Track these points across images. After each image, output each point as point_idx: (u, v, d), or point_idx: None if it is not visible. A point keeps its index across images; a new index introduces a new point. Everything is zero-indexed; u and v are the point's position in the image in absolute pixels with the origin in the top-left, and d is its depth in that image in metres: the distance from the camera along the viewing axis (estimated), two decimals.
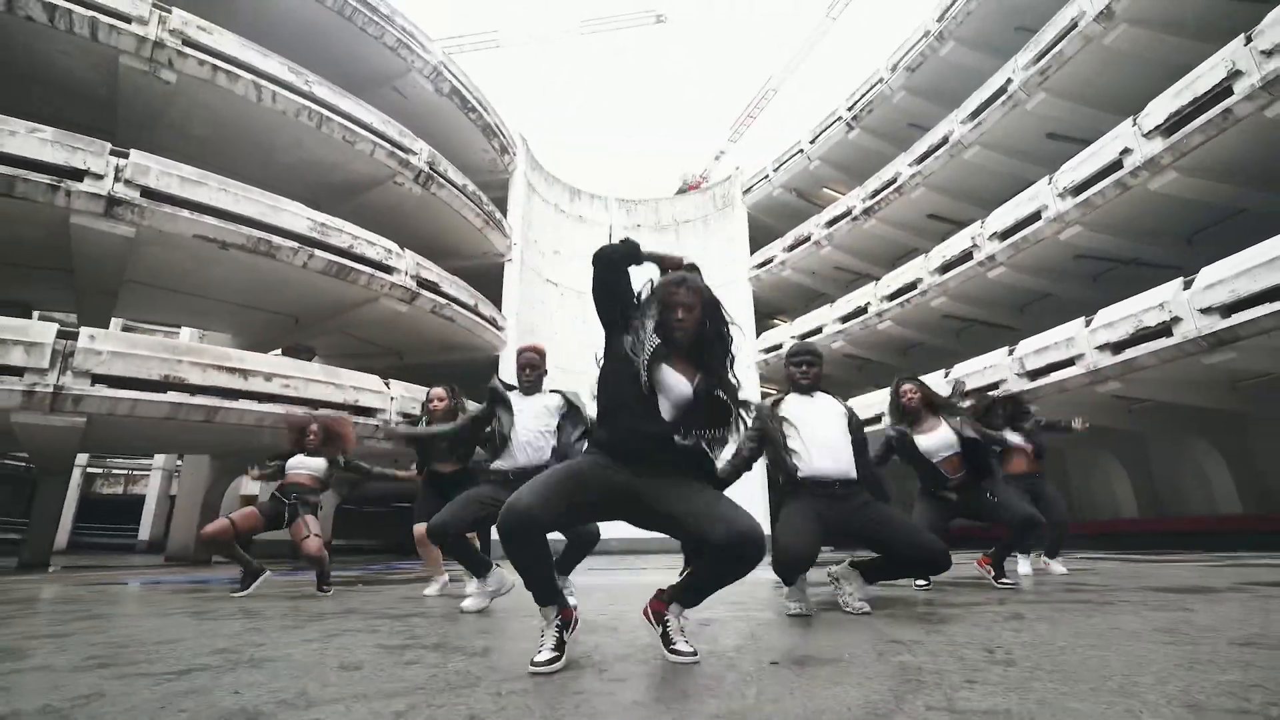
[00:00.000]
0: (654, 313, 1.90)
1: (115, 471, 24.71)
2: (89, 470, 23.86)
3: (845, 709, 1.25)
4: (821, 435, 2.91)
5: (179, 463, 22.03)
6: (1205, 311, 8.05)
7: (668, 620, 1.84)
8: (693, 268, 2.00)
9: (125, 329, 23.28)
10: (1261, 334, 7.45)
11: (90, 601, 3.86)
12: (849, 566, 2.90)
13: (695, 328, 1.92)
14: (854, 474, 2.87)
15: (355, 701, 1.39)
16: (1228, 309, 7.80)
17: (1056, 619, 2.38)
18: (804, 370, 3.11)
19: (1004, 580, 3.88)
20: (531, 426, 3.23)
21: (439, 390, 4.34)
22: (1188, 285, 8.46)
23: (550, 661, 1.66)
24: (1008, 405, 5.32)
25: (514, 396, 3.33)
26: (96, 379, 7.92)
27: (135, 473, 24.57)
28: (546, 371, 3.45)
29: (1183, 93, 8.65)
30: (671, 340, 1.88)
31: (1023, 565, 4.83)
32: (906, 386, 4.02)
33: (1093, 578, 4.35)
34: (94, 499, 23.97)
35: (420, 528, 4.23)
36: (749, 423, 2.06)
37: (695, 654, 1.77)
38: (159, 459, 22.56)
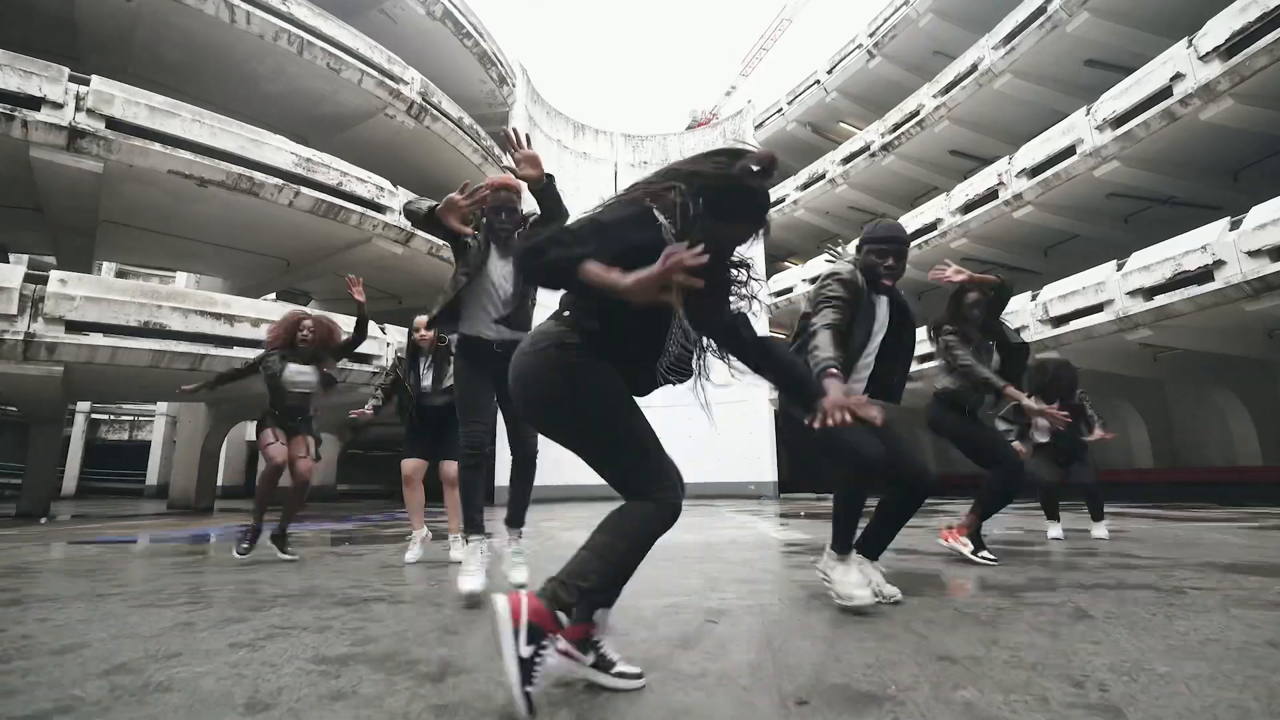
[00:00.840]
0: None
1: (121, 418, 24.77)
2: (94, 416, 23.92)
3: None
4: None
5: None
6: (1253, 254, 7.45)
7: (599, 643, 1.41)
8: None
9: (119, 274, 22.87)
10: None
11: (33, 574, 3.57)
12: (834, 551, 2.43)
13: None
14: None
15: None
16: (1278, 251, 7.20)
17: (1132, 619, 2.00)
18: (890, 265, 2.41)
19: (985, 555, 3.27)
20: (508, 285, 2.72)
21: (423, 319, 3.84)
22: (1234, 226, 7.83)
23: None
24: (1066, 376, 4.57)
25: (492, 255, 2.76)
26: (71, 326, 7.53)
27: (140, 419, 24.63)
28: (526, 218, 2.82)
29: (1249, 7, 7.76)
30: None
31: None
32: (974, 296, 3.33)
33: (1133, 545, 3.99)
34: (100, 444, 24.13)
35: (410, 463, 3.98)
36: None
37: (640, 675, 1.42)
38: (162, 405, 22.53)
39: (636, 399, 1.51)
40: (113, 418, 24.70)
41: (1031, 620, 2.02)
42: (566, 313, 1.49)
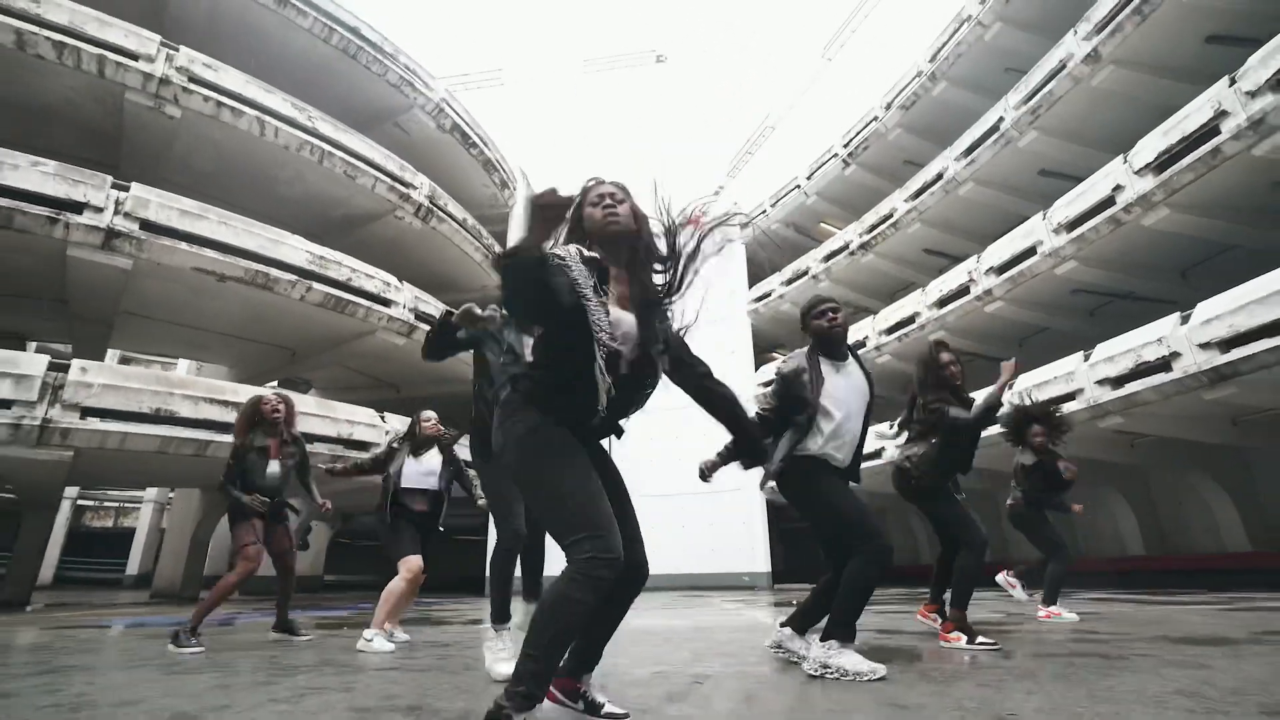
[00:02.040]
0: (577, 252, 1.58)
1: (106, 504, 24.35)
2: (79, 502, 23.51)
3: None
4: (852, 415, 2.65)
5: (171, 495, 21.76)
6: (1204, 346, 8.01)
7: (586, 692, 1.65)
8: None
9: (123, 360, 23.27)
10: (1261, 369, 7.39)
11: (57, 650, 3.70)
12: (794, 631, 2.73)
13: (632, 231, 1.68)
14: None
15: None
16: (1226, 344, 7.76)
17: (1070, 677, 2.26)
18: (831, 318, 2.69)
19: (984, 640, 3.14)
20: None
21: (429, 413, 4.08)
22: (1185, 320, 8.44)
23: None
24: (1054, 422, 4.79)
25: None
26: (86, 412, 7.82)
27: (127, 505, 24.21)
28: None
29: (1171, 131, 8.78)
30: (609, 253, 1.64)
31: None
32: (947, 356, 3.43)
33: (1104, 624, 4.20)
34: (82, 532, 23.56)
35: (413, 560, 3.72)
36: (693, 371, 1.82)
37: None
38: (151, 491, 22.24)
39: (623, 477, 1.68)
40: (98, 504, 24.25)
41: (981, 679, 2.28)
42: (508, 385, 1.66)
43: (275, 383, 16.05)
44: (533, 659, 1.38)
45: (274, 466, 4.06)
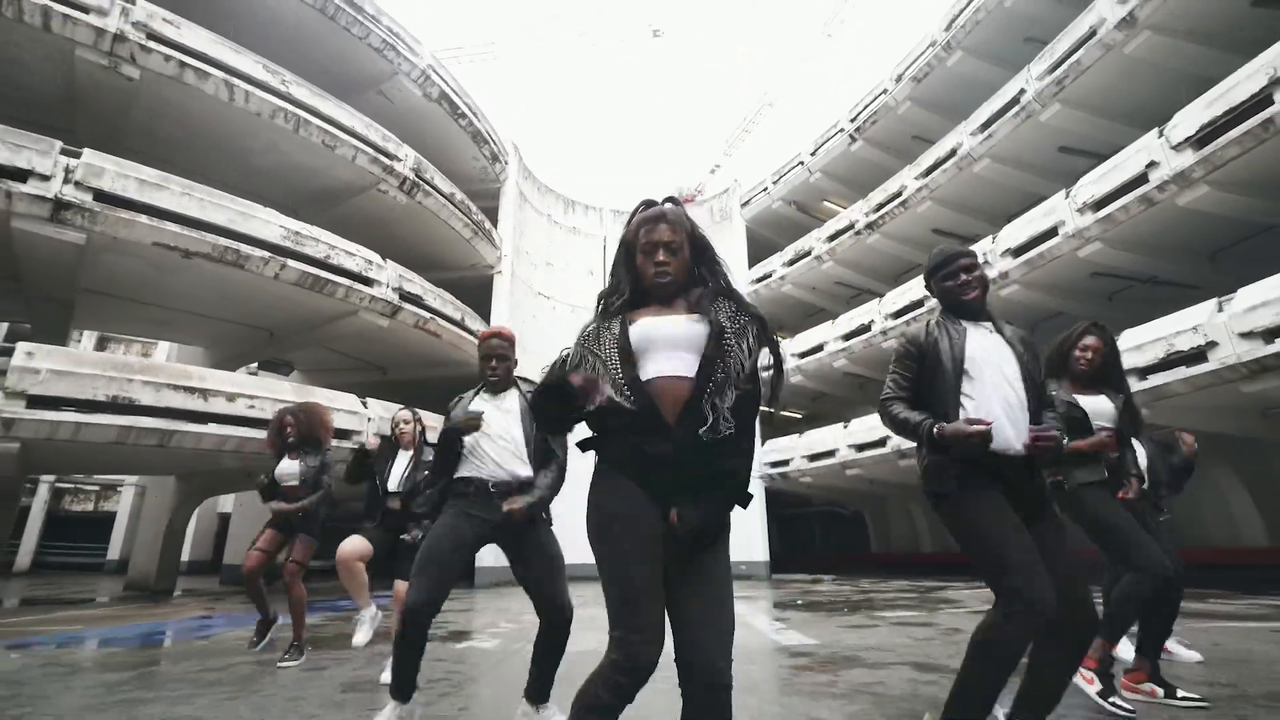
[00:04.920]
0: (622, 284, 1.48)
1: (85, 487, 23.71)
2: (57, 485, 22.88)
3: None
4: (1004, 385, 1.87)
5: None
6: (1246, 336, 7.45)
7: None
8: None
9: (101, 341, 22.48)
10: None
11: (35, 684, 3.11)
12: None
13: (683, 274, 1.45)
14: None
15: None
16: (1271, 333, 7.20)
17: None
18: (964, 280, 2.01)
19: (1119, 704, 2.46)
20: (504, 430, 2.47)
21: (405, 414, 3.72)
22: (1222, 307, 7.87)
23: None
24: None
25: (480, 399, 2.60)
26: (33, 401, 7.16)
27: (107, 489, 23.59)
28: (517, 362, 2.67)
29: (1216, 102, 8.10)
30: (655, 293, 1.45)
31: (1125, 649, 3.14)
32: (1091, 340, 2.81)
33: (1217, 671, 3.41)
34: (62, 516, 22.96)
35: (353, 545, 3.35)
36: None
37: None
38: (132, 475, 21.65)
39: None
40: (77, 487, 23.62)
41: None
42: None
43: (255, 365, 15.38)
44: None
45: (281, 471, 4.19)
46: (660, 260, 1.42)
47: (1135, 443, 3.52)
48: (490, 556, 13.64)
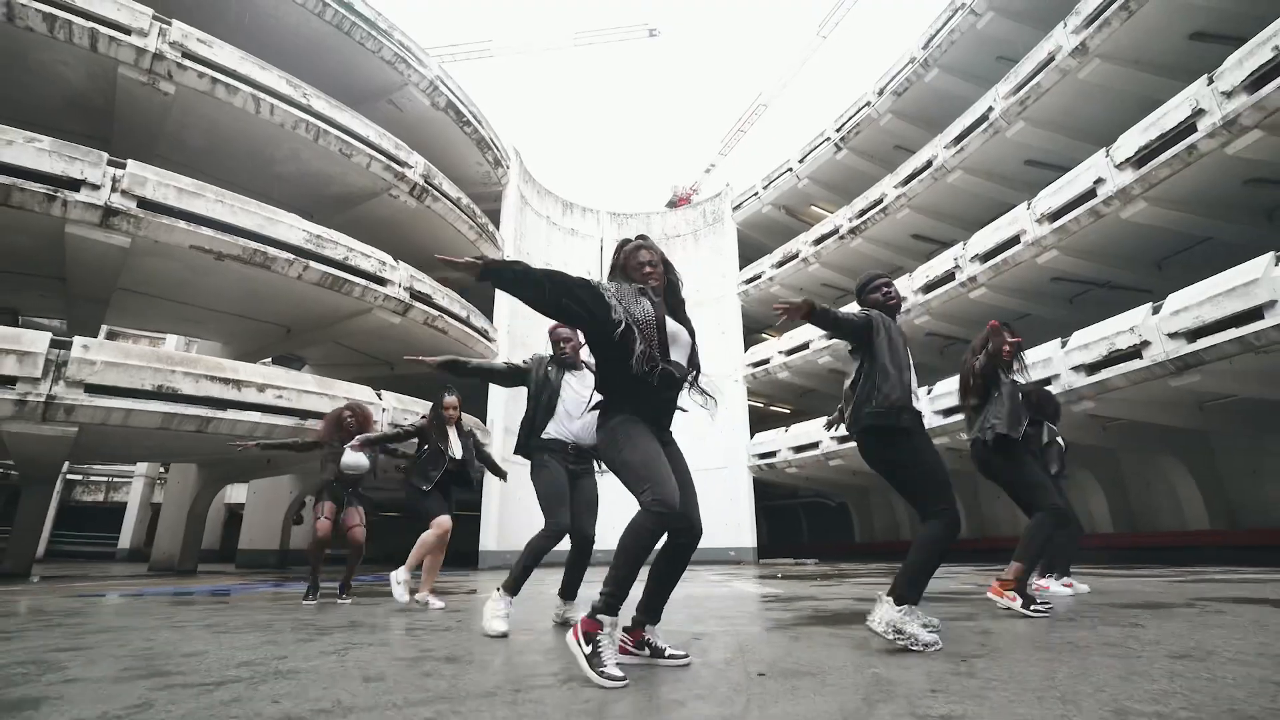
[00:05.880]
0: (629, 292, 2.16)
1: (94, 479, 24.39)
2: (68, 477, 23.55)
3: (824, 716, 1.44)
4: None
5: (162, 470, 21.85)
6: (1172, 336, 8.41)
7: (599, 640, 1.87)
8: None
9: (109, 335, 23.12)
10: (1224, 359, 7.80)
11: (93, 614, 3.95)
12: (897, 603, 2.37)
13: (662, 282, 2.27)
14: None
15: (386, 710, 1.55)
16: (1193, 334, 8.16)
17: (1020, 633, 2.59)
18: (887, 291, 2.96)
19: (1038, 607, 3.30)
20: (581, 397, 3.23)
21: (453, 399, 4.52)
22: (1156, 310, 8.83)
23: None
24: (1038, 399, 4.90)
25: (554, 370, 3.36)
26: (90, 389, 7.96)
27: (116, 480, 24.28)
28: (583, 344, 3.28)
29: (1150, 128, 9.07)
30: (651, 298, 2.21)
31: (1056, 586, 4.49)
32: (1011, 337, 3.76)
33: (1090, 597, 4.55)
34: (73, 506, 23.64)
35: (445, 520, 4.25)
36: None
37: (624, 679, 1.79)
38: (141, 467, 22.34)
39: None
40: (86, 478, 24.30)
41: (946, 634, 2.60)
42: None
43: (270, 360, 16.16)
44: (614, 580, 1.94)
45: (346, 456, 4.84)
46: (647, 271, 2.26)
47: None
48: (492, 540, 14.50)
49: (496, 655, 2.30)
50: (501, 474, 4.71)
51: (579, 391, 3.29)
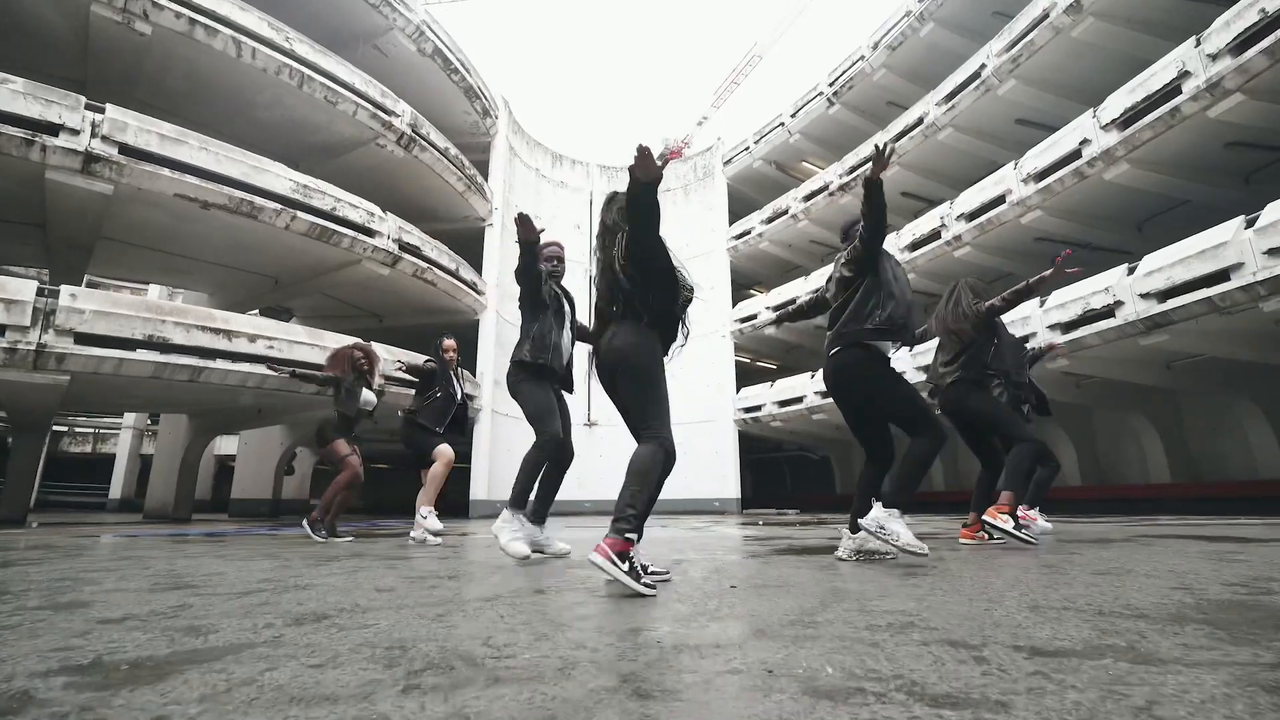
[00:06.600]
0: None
1: (81, 430, 24.40)
2: (55, 428, 23.52)
3: (783, 612, 1.67)
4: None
5: (149, 422, 21.91)
6: (1144, 296, 8.67)
7: (633, 558, 2.05)
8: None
9: (88, 285, 22.78)
10: (1191, 319, 8.09)
11: (108, 548, 4.16)
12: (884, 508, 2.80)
13: None
14: None
15: (400, 610, 1.76)
16: (1164, 294, 8.43)
17: (970, 559, 2.86)
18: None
19: (1029, 532, 3.61)
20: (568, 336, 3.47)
21: (450, 341, 4.88)
22: (1131, 271, 9.07)
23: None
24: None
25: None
26: (80, 337, 7.99)
27: (103, 432, 24.31)
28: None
29: (1136, 89, 9.12)
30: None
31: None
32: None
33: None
34: (61, 458, 23.71)
35: (447, 449, 4.55)
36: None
37: (655, 590, 2.01)
38: (129, 418, 22.36)
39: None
40: (73, 429, 24.32)
41: (904, 557, 2.87)
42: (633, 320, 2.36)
43: (257, 311, 16.10)
44: (637, 503, 2.10)
45: (363, 395, 5.03)
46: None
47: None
48: (483, 489, 14.86)
49: (494, 575, 2.52)
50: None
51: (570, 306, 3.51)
